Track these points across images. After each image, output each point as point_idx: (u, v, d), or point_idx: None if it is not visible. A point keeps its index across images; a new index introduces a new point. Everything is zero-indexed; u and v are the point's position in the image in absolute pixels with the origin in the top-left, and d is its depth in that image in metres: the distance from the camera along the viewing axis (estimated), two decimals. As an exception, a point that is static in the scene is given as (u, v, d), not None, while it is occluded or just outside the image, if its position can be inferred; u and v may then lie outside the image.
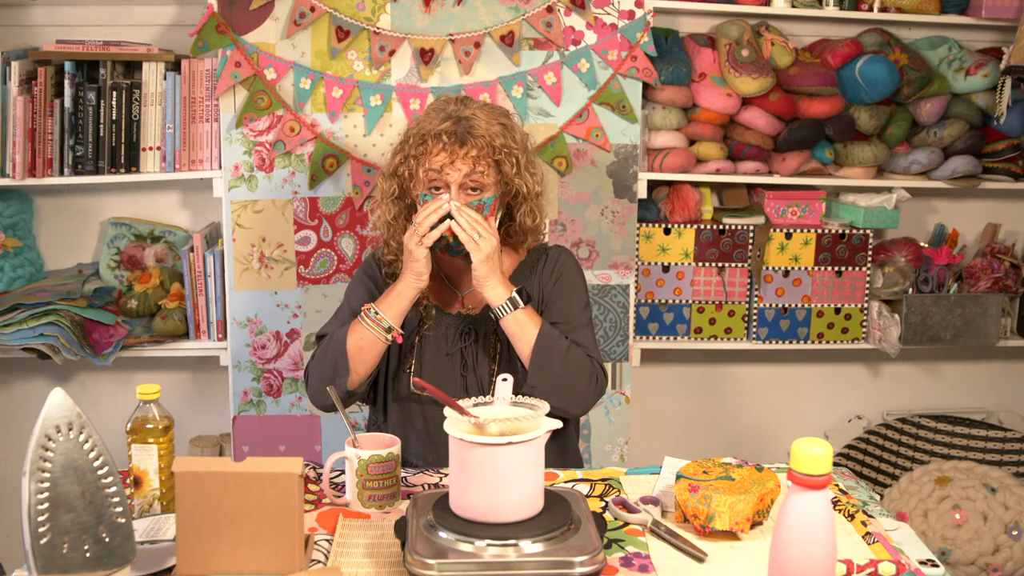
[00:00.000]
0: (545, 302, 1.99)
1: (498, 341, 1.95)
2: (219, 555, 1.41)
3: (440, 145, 1.85)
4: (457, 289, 2.02)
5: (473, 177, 1.86)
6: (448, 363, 1.96)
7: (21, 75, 2.58)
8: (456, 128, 1.86)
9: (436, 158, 1.85)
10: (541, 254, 2.04)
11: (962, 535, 2.94)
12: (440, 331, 1.98)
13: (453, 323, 1.99)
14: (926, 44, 2.98)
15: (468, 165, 1.85)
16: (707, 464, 1.67)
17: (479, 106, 1.92)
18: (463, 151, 1.85)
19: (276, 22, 2.57)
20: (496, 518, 1.42)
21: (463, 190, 1.87)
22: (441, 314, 1.99)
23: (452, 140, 1.85)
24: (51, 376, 2.91)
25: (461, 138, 1.85)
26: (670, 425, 3.20)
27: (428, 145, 1.86)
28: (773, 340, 2.97)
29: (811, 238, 2.93)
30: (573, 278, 2.03)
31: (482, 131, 1.86)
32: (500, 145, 1.87)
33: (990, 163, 3.00)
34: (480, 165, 1.86)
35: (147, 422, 1.63)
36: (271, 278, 2.67)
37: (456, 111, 1.89)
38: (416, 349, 1.98)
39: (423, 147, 1.87)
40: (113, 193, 2.89)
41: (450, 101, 1.94)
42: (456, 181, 1.86)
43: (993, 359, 3.30)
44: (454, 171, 1.85)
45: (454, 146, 1.85)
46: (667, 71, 2.75)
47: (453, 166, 1.85)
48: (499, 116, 1.92)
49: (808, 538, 1.22)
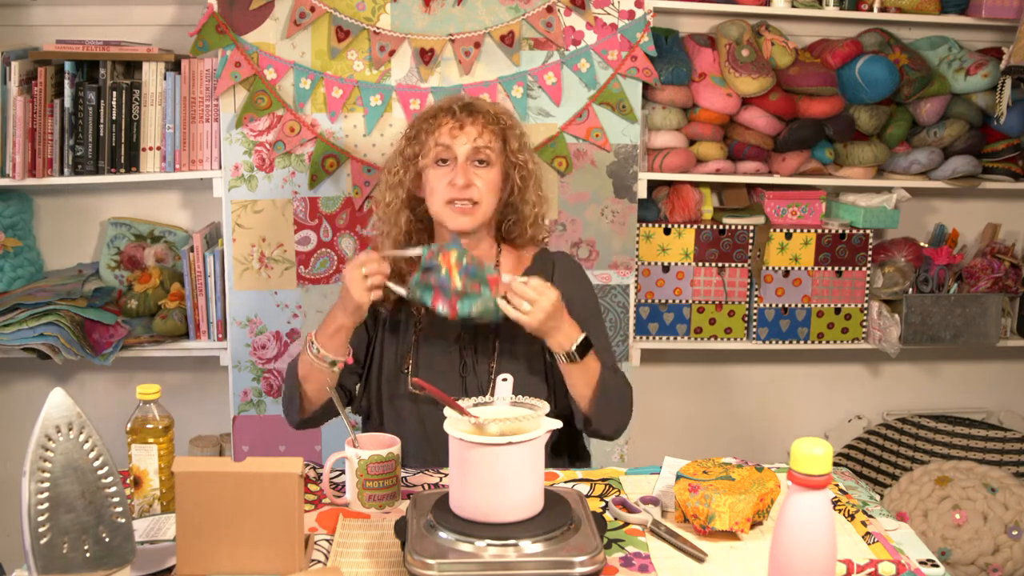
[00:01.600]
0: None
1: (496, 340, 1.95)
2: (219, 555, 1.41)
3: (450, 115, 1.93)
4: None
5: (480, 144, 1.91)
6: (447, 364, 1.96)
7: (21, 75, 2.58)
8: (462, 104, 1.96)
9: (445, 127, 1.92)
10: (547, 262, 2.03)
11: (962, 535, 2.94)
12: (438, 331, 1.97)
13: (452, 323, 1.97)
14: (926, 44, 2.98)
15: (476, 130, 1.91)
16: (707, 464, 1.67)
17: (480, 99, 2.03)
18: (471, 119, 1.92)
19: (276, 22, 2.57)
20: (496, 518, 1.42)
21: (470, 162, 1.91)
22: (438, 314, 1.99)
23: (461, 111, 1.93)
24: (51, 376, 2.91)
25: (468, 109, 1.94)
26: (670, 425, 3.20)
27: (438, 118, 1.94)
28: (773, 340, 2.97)
29: (811, 238, 2.93)
30: (590, 292, 2.05)
31: (487, 107, 1.96)
32: (504, 115, 1.97)
33: (990, 163, 3.00)
34: (487, 133, 1.92)
35: (147, 422, 1.63)
36: (271, 278, 2.67)
37: (460, 98, 2.00)
38: (413, 351, 1.97)
39: (433, 120, 1.94)
40: (113, 193, 2.89)
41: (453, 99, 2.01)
42: (465, 149, 1.90)
43: (993, 359, 3.30)
44: (463, 136, 1.91)
45: (463, 115, 1.93)
46: (667, 71, 2.75)
47: (463, 131, 1.91)
48: (500, 106, 2.03)
49: (808, 538, 1.22)
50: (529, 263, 2.02)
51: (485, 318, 1.80)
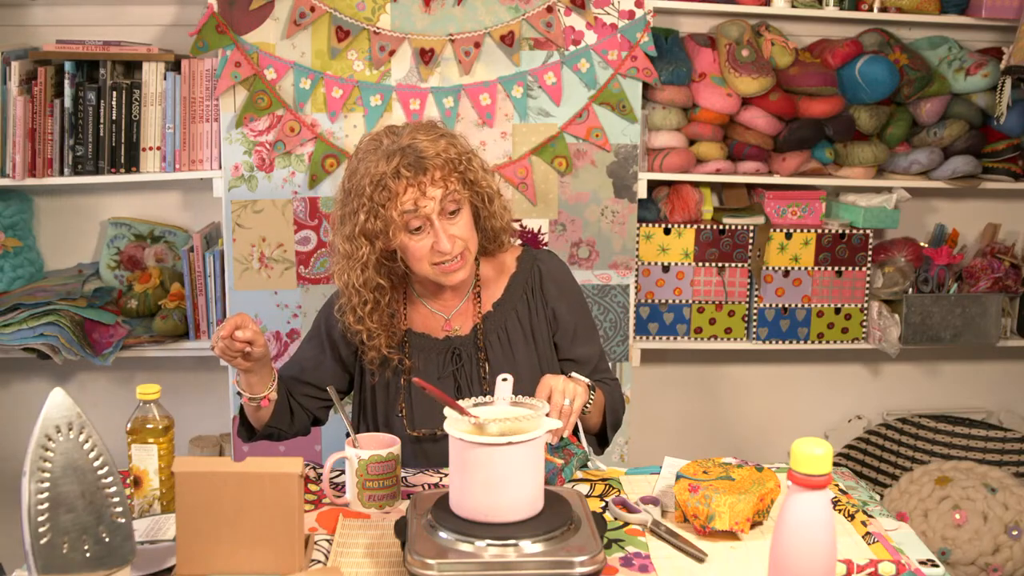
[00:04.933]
0: (559, 323, 1.98)
1: (486, 361, 1.93)
2: (219, 555, 1.41)
3: (404, 182, 1.76)
4: (442, 312, 1.97)
5: (447, 200, 1.79)
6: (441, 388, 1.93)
7: (21, 75, 2.58)
8: (408, 160, 1.76)
9: (405, 197, 1.76)
10: (531, 265, 1.99)
11: (962, 535, 2.94)
12: (430, 358, 1.95)
13: (442, 348, 1.95)
14: (926, 44, 2.98)
15: (438, 188, 1.77)
16: (707, 464, 1.67)
17: (411, 131, 1.82)
18: (427, 178, 1.76)
19: (276, 22, 2.57)
20: (496, 518, 1.42)
21: (443, 217, 1.80)
22: (428, 340, 1.95)
23: (412, 172, 1.76)
24: (51, 376, 2.91)
25: (419, 167, 1.76)
26: (670, 425, 3.20)
27: (391, 188, 1.76)
28: (773, 340, 2.97)
29: (811, 238, 2.93)
30: (578, 295, 2.03)
31: (432, 151, 1.78)
32: (455, 156, 1.80)
33: (990, 163, 3.00)
34: (449, 183, 1.79)
35: (147, 422, 1.63)
36: (271, 278, 2.67)
37: (393, 143, 1.80)
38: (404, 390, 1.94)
39: (386, 192, 1.76)
40: (113, 193, 2.89)
41: (379, 137, 1.83)
42: (435, 211, 1.79)
43: (993, 359, 3.30)
44: (429, 201, 1.77)
45: (418, 176, 1.76)
46: (667, 71, 2.75)
47: (426, 196, 1.77)
48: (435, 131, 1.84)
49: (808, 538, 1.22)
50: (514, 269, 1.99)
51: (584, 459, 1.83)
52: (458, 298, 1.96)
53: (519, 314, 1.96)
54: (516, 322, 1.96)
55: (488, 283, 1.98)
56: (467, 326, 1.96)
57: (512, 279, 1.98)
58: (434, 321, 1.97)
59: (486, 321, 1.95)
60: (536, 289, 1.98)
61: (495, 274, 1.99)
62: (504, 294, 1.97)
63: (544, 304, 1.98)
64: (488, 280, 1.98)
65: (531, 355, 1.95)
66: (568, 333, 1.98)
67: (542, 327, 1.97)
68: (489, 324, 1.95)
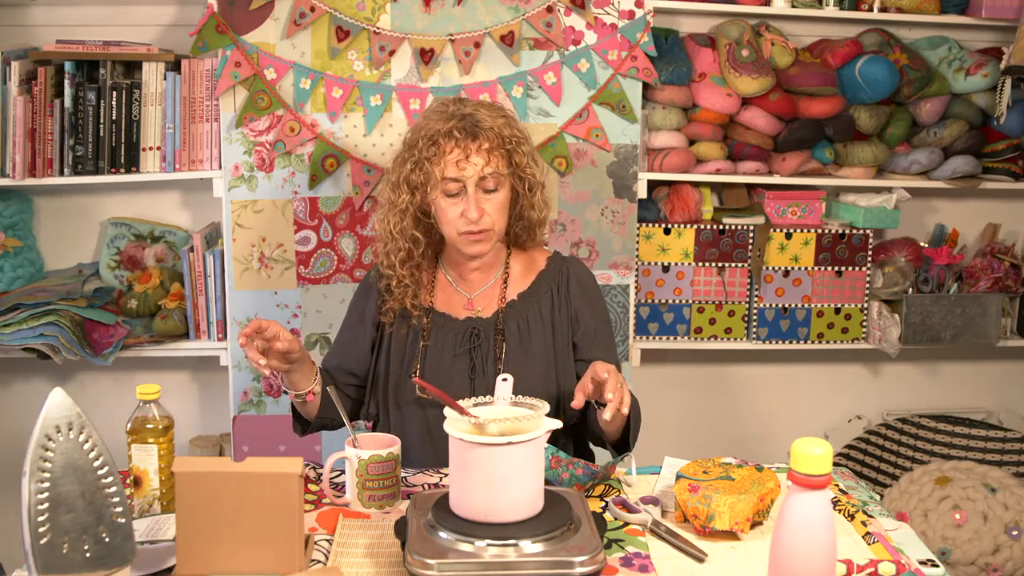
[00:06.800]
0: (580, 323, 2.00)
1: (504, 342, 1.96)
2: (219, 555, 1.41)
3: (452, 142, 1.85)
4: (466, 292, 2.01)
5: (488, 172, 1.86)
6: (456, 366, 1.96)
7: (21, 75, 2.58)
8: (463, 124, 1.86)
9: (450, 156, 1.85)
10: (560, 266, 2.04)
11: (962, 535, 2.94)
12: (448, 335, 1.98)
13: (461, 327, 1.98)
14: (926, 44, 2.98)
15: (482, 158, 1.86)
16: (707, 464, 1.67)
17: (477, 104, 1.94)
18: (475, 145, 1.85)
19: (276, 22, 2.57)
20: (496, 518, 1.42)
21: (479, 190, 1.87)
22: (448, 320, 1.99)
23: (463, 135, 1.85)
24: (51, 376, 2.91)
25: (471, 132, 1.86)
26: (670, 425, 3.20)
27: (440, 145, 1.86)
28: (773, 340, 2.97)
29: (811, 238, 2.93)
30: (601, 302, 2.06)
31: (489, 124, 1.87)
32: (509, 135, 1.89)
33: (990, 163, 3.00)
34: (494, 157, 1.87)
35: (147, 422, 1.63)
36: (271, 278, 2.67)
37: (457, 110, 1.90)
38: (421, 356, 1.97)
39: (435, 148, 1.86)
40: (113, 193, 2.89)
41: (448, 103, 1.94)
42: (473, 178, 1.86)
43: (993, 359, 3.29)
44: (470, 166, 1.85)
45: (466, 140, 1.85)
46: (667, 71, 2.75)
47: (468, 161, 1.85)
48: (499, 111, 1.94)
49: (808, 538, 1.22)
50: (543, 267, 2.04)
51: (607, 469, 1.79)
52: (483, 280, 2.00)
53: (542, 308, 1.99)
54: (538, 314, 1.98)
55: (517, 277, 2.02)
56: (490, 309, 1.99)
57: (540, 275, 2.03)
58: (457, 300, 2.01)
59: (509, 308, 1.98)
60: (563, 287, 2.01)
61: (524, 269, 2.03)
62: (531, 287, 2.01)
63: (568, 303, 2.01)
64: (517, 274, 2.02)
65: (548, 349, 1.97)
66: (589, 335, 2.00)
67: (563, 325, 2.00)
68: (511, 312, 1.98)
